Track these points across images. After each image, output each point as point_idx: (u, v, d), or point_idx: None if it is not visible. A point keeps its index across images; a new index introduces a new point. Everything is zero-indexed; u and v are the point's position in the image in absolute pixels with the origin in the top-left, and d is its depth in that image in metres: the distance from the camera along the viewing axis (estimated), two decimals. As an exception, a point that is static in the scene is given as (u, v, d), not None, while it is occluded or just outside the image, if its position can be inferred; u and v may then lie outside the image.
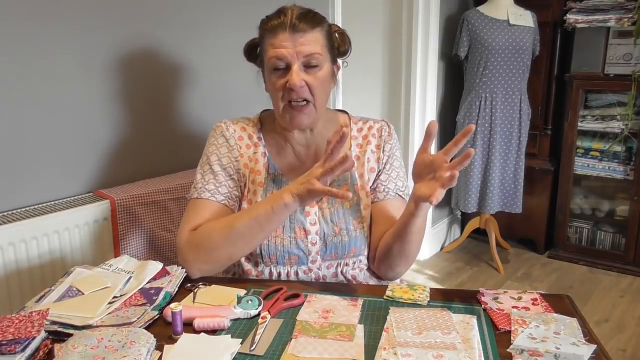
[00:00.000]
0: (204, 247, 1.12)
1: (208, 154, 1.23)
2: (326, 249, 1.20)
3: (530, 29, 2.85)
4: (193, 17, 1.79)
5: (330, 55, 1.17)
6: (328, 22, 1.18)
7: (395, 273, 1.22)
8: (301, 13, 1.12)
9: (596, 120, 2.99)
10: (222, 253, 1.12)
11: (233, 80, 1.95)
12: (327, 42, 1.15)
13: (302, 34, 1.10)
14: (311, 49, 1.11)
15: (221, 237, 1.11)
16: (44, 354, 0.86)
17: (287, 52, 1.10)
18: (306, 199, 1.07)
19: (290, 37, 1.10)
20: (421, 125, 3.06)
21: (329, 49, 1.16)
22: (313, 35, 1.11)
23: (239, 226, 1.10)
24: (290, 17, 1.11)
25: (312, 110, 1.15)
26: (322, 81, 1.14)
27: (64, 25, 1.48)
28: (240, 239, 1.11)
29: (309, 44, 1.10)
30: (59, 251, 1.44)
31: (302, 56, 1.10)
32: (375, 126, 1.28)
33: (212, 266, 1.14)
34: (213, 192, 1.19)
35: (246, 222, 1.10)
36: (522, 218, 3.21)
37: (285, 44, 1.10)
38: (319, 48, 1.12)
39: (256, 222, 1.09)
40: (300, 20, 1.10)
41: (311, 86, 1.12)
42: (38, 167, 1.48)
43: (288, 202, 1.07)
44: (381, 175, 1.26)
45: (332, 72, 1.19)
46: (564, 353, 0.84)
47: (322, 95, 1.15)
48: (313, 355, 0.86)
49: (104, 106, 1.60)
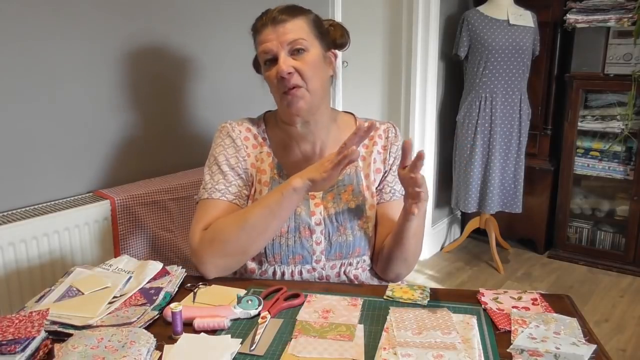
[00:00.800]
0: (217, 241, 1.11)
1: (215, 154, 1.23)
2: (331, 249, 1.20)
3: (530, 29, 2.85)
4: (194, 16, 1.79)
5: (319, 41, 1.18)
6: (314, 14, 1.20)
7: (396, 275, 1.23)
8: (282, 7, 1.15)
9: (596, 120, 2.99)
10: (237, 245, 1.11)
11: (235, 81, 1.95)
12: (312, 29, 1.16)
13: (283, 24, 1.13)
14: (294, 36, 1.12)
15: (234, 228, 1.11)
16: (44, 354, 0.86)
17: (272, 45, 1.12)
18: (314, 186, 1.08)
19: (273, 30, 1.13)
20: (421, 125, 3.06)
21: (315, 35, 1.17)
22: (294, 23, 1.13)
23: (251, 216, 1.11)
24: (272, 13, 1.14)
25: (306, 94, 1.14)
26: (311, 65, 1.14)
27: (65, 25, 1.48)
28: (254, 229, 1.11)
29: (290, 31, 1.12)
30: (59, 251, 1.44)
31: (286, 44, 1.12)
32: (382, 127, 1.28)
33: (227, 261, 1.13)
34: (224, 192, 1.19)
35: (258, 212, 1.11)
36: (522, 218, 3.21)
37: (269, 37, 1.13)
38: (303, 34, 1.14)
39: (268, 209, 1.10)
40: (281, 12, 1.14)
41: (301, 70, 1.13)
42: (38, 167, 1.48)
43: (297, 186, 1.08)
44: (387, 177, 1.26)
45: (324, 57, 1.19)
46: (564, 353, 0.84)
47: (315, 79, 1.15)
48: (313, 355, 0.86)
49: (104, 106, 1.60)
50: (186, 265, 1.26)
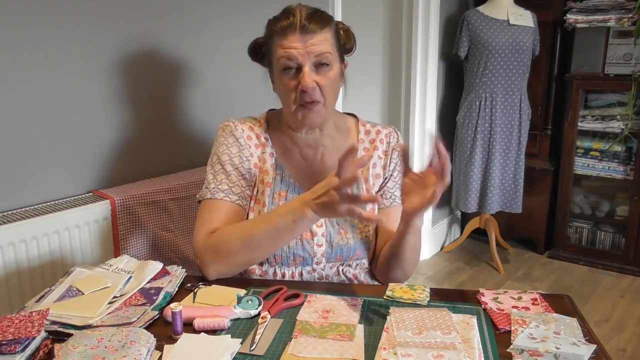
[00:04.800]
0: (222, 252, 1.11)
1: (218, 153, 1.22)
2: (332, 251, 1.20)
3: (530, 29, 2.85)
4: (193, 17, 1.79)
5: (339, 54, 1.17)
6: (335, 21, 1.18)
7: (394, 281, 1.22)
8: (309, 13, 1.12)
9: (596, 120, 2.99)
10: (241, 259, 1.11)
11: (234, 80, 1.95)
12: (335, 42, 1.15)
13: (312, 35, 1.10)
14: (322, 49, 1.10)
15: (240, 244, 1.10)
16: (44, 354, 0.86)
17: (298, 53, 1.09)
18: (328, 213, 1.01)
19: (301, 38, 1.09)
20: (421, 125, 3.06)
21: (337, 48, 1.16)
22: (323, 35, 1.11)
23: (258, 235, 1.08)
24: (300, 18, 1.10)
25: (322, 109, 1.14)
26: (332, 81, 1.13)
27: (65, 25, 1.48)
28: (260, 248, 1.10)
29: (319, 44, 1.10)
30: (59, 251, 1.43)
31: (313, 56, 1.10)
32: (384, 132, 1.28)
33: (230, 270, 1.13)
34: (227, 193, 1.18)
35: (266, 232, 1.08)
36: (522, 218, 3.21)
37: (296, 45, 1.09)
38: (329, 47, 1.12)
39: (276, 232, 1.07)
40: (309, 20, 1.10)
41: (322, 86, 1.12)
42: (38, 167, 1.48)
43: (310, 217, 1.03)
44: (388, 183, 1.26)
45: (341, 71, 1.19)
46: (564, 353, 0.84)
47: (332, 95, 1.15)
48: (313, 355, 0.86)
49: (104, 106, 1.60)
50: (186, 265, 1.26)
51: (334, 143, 1.24)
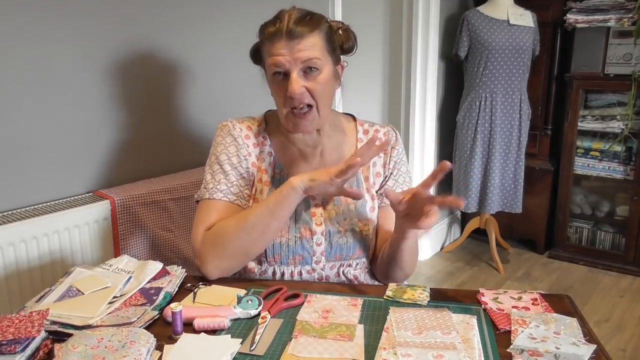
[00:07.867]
0: (219, 242, 1.11)
1: (217, 153, 1.22)
2: (331, 250, 1.20)
3: (530, 29, 2.85)
4: (191, 17, 1.79)
5: (332, 57, 1.15)
6: (328, 21, 1.16)
7: (394, 281, 1.23)
8: (298, 17, 1.09)
9: (596, 120, 2.99)
10: (237, 246, 1.11)
11: (232, 81, 1.95)
12: (326, 45, 1.13)
13: (299, 40, 1.08)
14: (309, 54, 1.08)
15: (235, 229, 1.11)
16: (44, 354, 0.86)
17: (285, 60, 1.08)
18: (314, 187, 1.08)
19: (287, 44, 1.08)
20: (421, 125, 3.06)
21: (329, 51, 1.14)
22: (310, 40, 1.09)
23: (251, 216, 1.11)
24: (287, 23, 1.08)
25: (315, 115, 1.14)
26: (323, 85, 1.12)
27: (64, 26, 1.48)
28: (254, 229, 1.11)
29: (306, 49, 1.08)
30: (59, 251, 1.44)
31: (300, 62, 1.08)
32: (382, 130, 1.28)
33: (229, 262, 1.13)
34: (225, 192, 1.18)
35: (258, 211, 1.11)
36: (522, 218, 3.21)
37: (282, 52, 1.08)
38: (318, 52, 1.10)
39: (267, 208, 1.10)
40: (296, 25, 1.08)
41: (312, 91, 1.10)
42: (38, 167, 1.48)
43: (296, 185, 1.08)
44: (388, 181, 1.26)
45: (335, 73, 1.17)
46: (564, 353, 0.84)
47: (325, 99, 1.14)
48: (313, 355, 0.86)
49: (104, 106, 1.60)
50: (186, 265, 1.26)
51: (332, 142, 1.24)
